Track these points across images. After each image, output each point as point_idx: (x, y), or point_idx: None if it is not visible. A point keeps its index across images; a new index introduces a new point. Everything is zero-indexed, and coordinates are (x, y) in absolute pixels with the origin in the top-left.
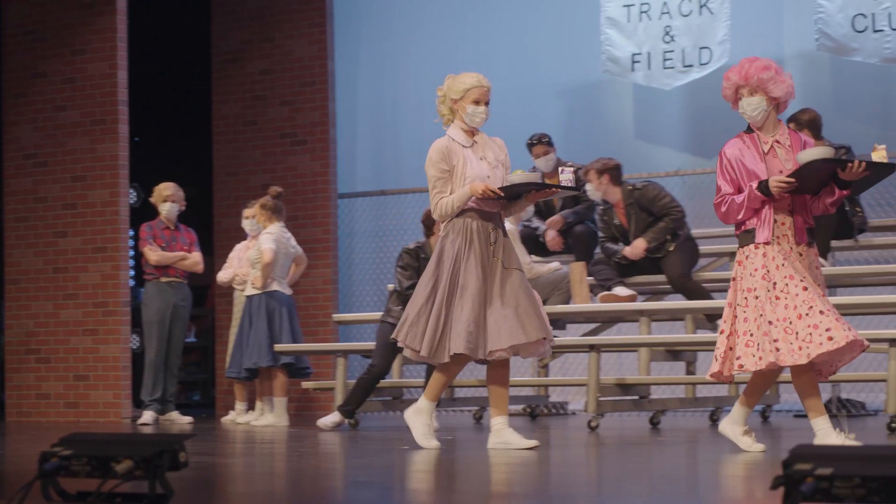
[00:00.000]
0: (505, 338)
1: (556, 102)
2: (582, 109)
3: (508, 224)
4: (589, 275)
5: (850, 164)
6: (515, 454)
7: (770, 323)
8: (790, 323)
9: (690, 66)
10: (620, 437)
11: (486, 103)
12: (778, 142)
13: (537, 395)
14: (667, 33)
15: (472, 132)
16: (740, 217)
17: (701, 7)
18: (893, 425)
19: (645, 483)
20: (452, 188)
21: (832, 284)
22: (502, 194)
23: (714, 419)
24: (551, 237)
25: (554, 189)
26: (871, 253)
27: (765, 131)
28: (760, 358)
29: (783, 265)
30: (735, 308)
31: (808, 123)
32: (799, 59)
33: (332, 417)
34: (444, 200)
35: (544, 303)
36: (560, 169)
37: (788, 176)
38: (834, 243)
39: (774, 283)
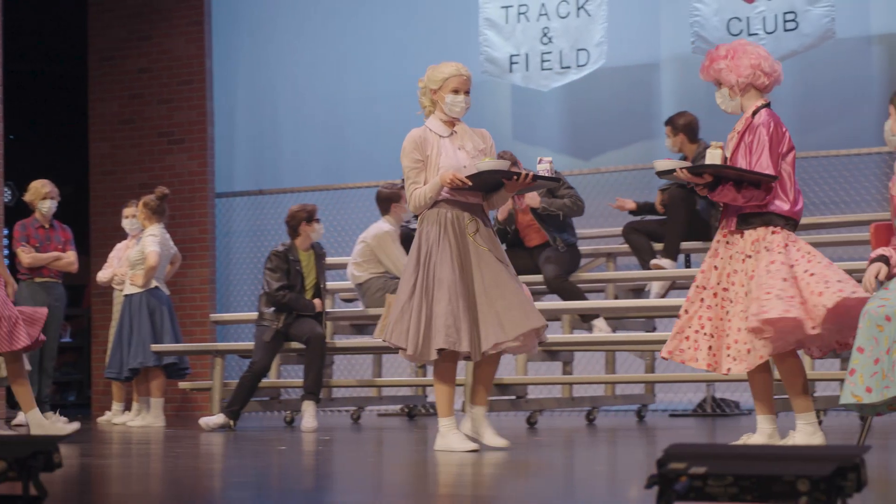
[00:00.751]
0: (510, 329)
1: None
2: None
3: (386, 224)
4: None
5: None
6: (402, 455)
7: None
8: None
9: (568, 67)
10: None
11: (467, 92)
12: (737, 130)
13: (415, 395)
14: (545, 35)
15: (451, 122)
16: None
17: (578, 9)
18: None
19: (522, 482)
20: (427, 179)
21: (682, 287)
22: (469, 183)
23: (591, 419)
24: None
25: (532, 179)
26: None
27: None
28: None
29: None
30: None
31: (684, 128)
32: (675, 62)
33: (217, 418)
34: (417, 191)
35: None
36: (538, 159)
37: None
38: (693, 245)
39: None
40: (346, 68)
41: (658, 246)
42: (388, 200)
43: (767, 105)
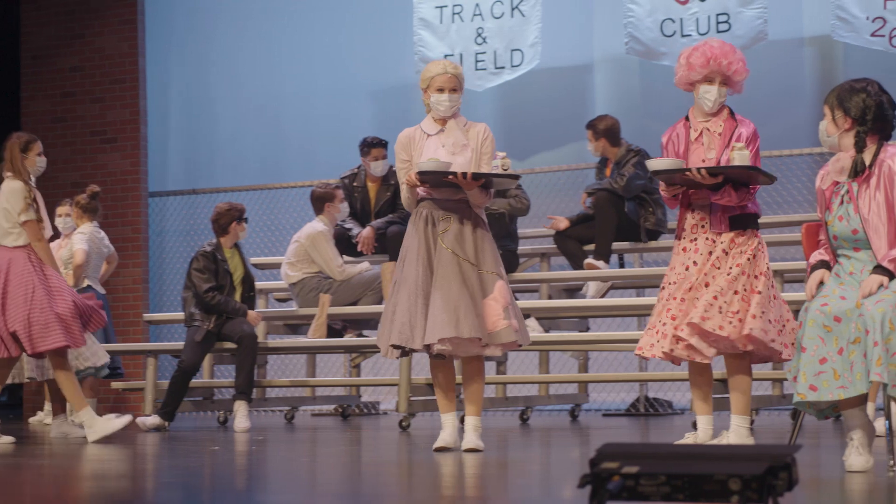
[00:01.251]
0: (439, 330)
1: (369, 103)
2: (395, 110)
3: (320, 224)
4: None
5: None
6: (335, 455)
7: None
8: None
9: (502, 68)
10: (432, 436)
11: (453, 90)
12: (708, 129)
13: (349, 394)
14: (479, 35)
15: (442, 120)
16: (672, 206)
17: (513, 10)
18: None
19: (455, 483)
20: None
21: (616, 287)
22: (419, 182)
23: (524, 418)
24: (367, 234)
25: (470, 178)
26: (669, 253)
27: (701, 118)
28: (652, 346)
29: (677, 265)
30: None
31: (605, 132)
32: (609, 63)
33: (153, 419)
34: (404, 191)
35: (355, 303)
36: (494, 154)
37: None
38: (624, 245)
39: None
40: (281, 67)
41: (590, 247)
42: (321, 200)
43: (732, 111)
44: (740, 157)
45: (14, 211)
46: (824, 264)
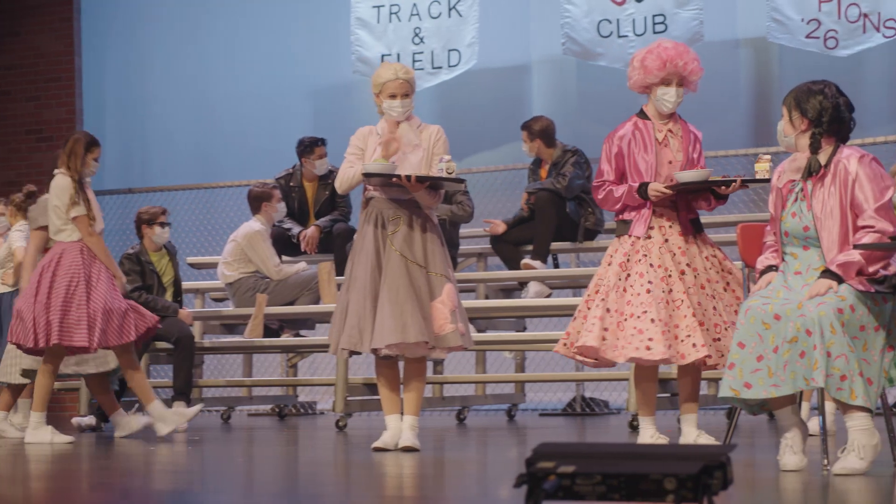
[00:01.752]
0: (386, 335)
1: (306, 103)
2: (332, 110)
3: (257, 223)
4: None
5: (727, 185)
6: (272, 454)
7: (608, 311)
8: (624, 318)
9: (440, 67)
10: (369, 436)
11: (405, 95)
12: (671, 131)
13: (286, 394)
14: (416, 35)
15: (395, 122)
16: (617, 208)
17: (450, 10)
18: (635, 423)
19: (392, 483)
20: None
21: (552, 286)
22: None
23: (461, 418)
24: (312, 233)
25: (415, 181)
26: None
27: (661, 120)
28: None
29: (641, 260)
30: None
31: (540, 133)
32: (546, 63)
33: (88, 419)
34: (345, 170)
35: (292, 303)
36: (440, 157)
37: (667, 187)
38: (563, 245)
39: (628, 275)
40: (217, 66)
41: (528, 248)
42: (258, 199)
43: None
44: (765, 169)
45: (63, 207)
46: (774, 268)
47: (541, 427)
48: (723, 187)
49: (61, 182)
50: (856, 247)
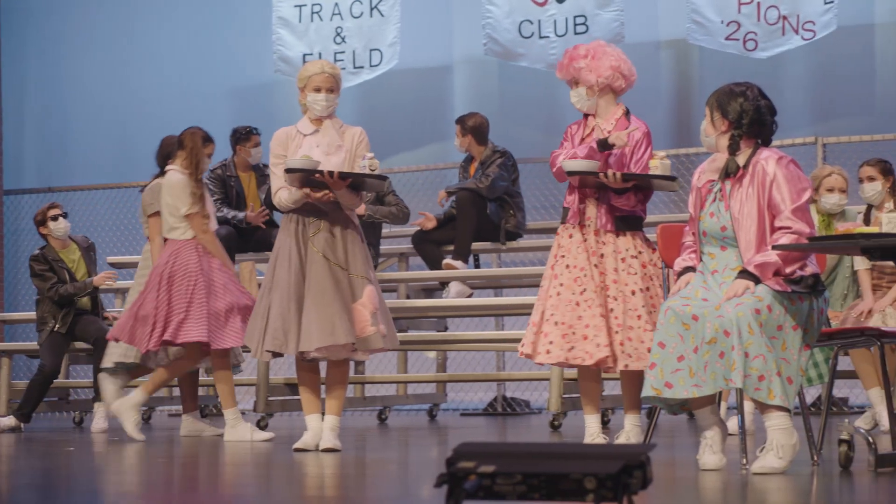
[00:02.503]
0: (314, 338)
1: (227, 102)
2: (253, 109)
3: None
4: None
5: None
6: (191, 454)
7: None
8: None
9: (361, 67)
10: (290, 436)
11: (330, 90)
12: (599, 127)
13: (207, 395)
14: (338, 34)
15: (319, 120)
16: (573, 166)
17: (372, 9)
18: (556, 423)
19: (315, 482)
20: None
21: (474, 287)
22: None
23: (382, 418)
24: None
25: (338, 177)
26: (526, 255)
27: (598, 117)
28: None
29: (559, 261)
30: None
31: (473, 129)
32: (467, 64)
33: (7, 420)
34: (282, 193)
35: None
36: (362, 156)
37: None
38: (484, 246)
39: (555, 276)
40: (138, 65)
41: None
42: None
43: (628, 111)
44: (662, 166)
45: (179, 205)
46: (692, 269)
47: (462, 427)
48: (607, 178)
49: (178, 179)
50: (773, 247)
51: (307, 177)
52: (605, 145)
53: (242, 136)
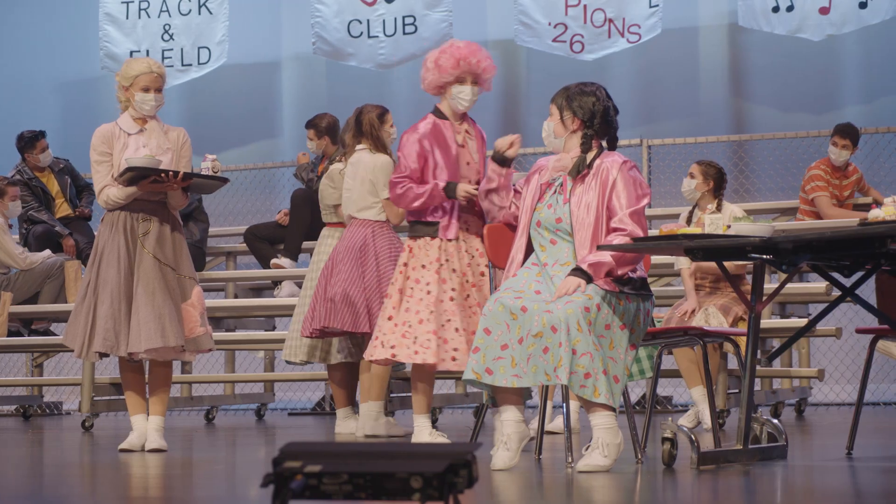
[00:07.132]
0: (144, 339)
1: (52, 97)
2: (80, 104)
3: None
4: None
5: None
6: (11, 457)
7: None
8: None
9: (189, 65)
10: (116, 436)
11: (158, 90)
12: (468, 132)
13: (31, 394)
14: (166, 31)
15: (143, 119)
16: (416, 205)
17: (200, 6)
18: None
19: (141, 482)
20: (113, 174)
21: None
22: (119, 181)
23: (210, 418)
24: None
25: (182, 178)
26: None
27: (456, 120)
28: (416, 352)
29: (446, 262)
30: (403, 295)
31: (328, 129)
32: (296, 62)
33: None
34: (110, 190)
35: (37, 294)
36: (204, 156)
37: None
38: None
39: (444, 280)
40: None
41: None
42: None
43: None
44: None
45: (380, 186)
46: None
47: (290, 426)
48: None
49: (382, 160)
50: (599, 247)
51: (143, 176)
52: (503, 161)
53: (28, 143)
